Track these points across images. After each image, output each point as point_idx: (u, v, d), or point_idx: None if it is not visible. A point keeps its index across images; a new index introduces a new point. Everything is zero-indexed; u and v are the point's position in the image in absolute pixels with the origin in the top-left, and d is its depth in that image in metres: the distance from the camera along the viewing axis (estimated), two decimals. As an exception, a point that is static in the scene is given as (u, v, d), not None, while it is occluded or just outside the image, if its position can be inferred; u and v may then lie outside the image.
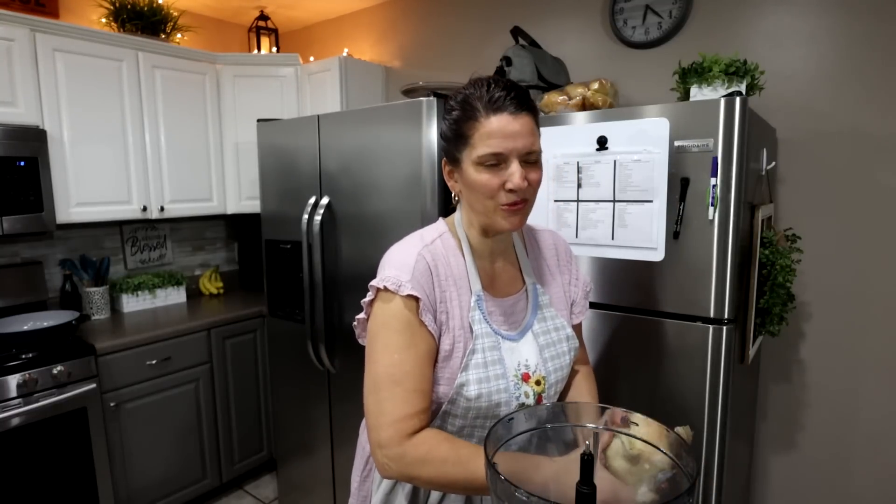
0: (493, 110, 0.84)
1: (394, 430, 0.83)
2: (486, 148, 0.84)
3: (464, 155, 0.87)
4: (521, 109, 0.85)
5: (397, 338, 0.86)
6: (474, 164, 0.86)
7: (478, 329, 0.89)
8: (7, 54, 2.07)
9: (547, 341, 0.96)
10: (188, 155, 2.69)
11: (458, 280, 0.92)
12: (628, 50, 2.12)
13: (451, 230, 0.98)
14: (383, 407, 0.84)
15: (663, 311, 1.42)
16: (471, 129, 0.85)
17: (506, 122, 0.83)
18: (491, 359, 0.89)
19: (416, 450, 0.82)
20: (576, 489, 0.58)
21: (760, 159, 1.52)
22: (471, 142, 0.85)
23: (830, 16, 1.73)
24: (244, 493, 2.73)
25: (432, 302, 0.88)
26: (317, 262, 2.06)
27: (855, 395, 1.80)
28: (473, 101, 0.86)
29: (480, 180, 0.85)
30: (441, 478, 0.81)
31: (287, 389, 2.36)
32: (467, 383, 0.87)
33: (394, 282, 0.87)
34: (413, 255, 0.90)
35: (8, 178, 2.06)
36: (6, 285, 2.34)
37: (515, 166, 0.84)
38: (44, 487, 1.99)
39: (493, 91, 0.85)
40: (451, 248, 0.95)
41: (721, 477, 1.39)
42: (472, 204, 0.90)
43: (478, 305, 0.91)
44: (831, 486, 1.87)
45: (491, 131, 0.83)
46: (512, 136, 0.83)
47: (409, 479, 0.84)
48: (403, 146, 1.79)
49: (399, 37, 2.88)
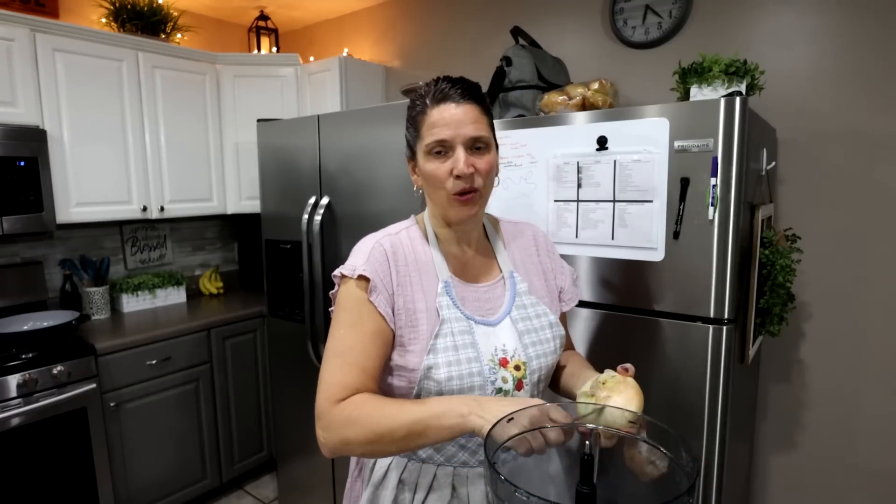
0: (438, 101, 0.89)
1: (325, 399, 0.85)
2: (431, 136, 0.89)
3: (417, 147, 0.93)
4: (464, 98, 0.89)
5: (345, 315, 0.90)
6: (424, 154, 0.91)
7: (446, 314, 0.91)
8: (7, 54, 2.07)
9: (527, 327, 0.96)
10: (188, 155, 2.69)
11: (423, 266, 0.95)
12: (628, 50, 2.12)
13: (420, 223, 1.02)
14: (323, 378, 0.87)
15: (663, 311, 1.42)
16: (420, 122, 0.91)
17: (450, 112, 0.88)
18: (461, 342, 0.90)
19: (341, 412, 0.83)
20: (576, 489, 0.58)
21: (760, 159, 1.52)
22: (420, 133, 0.91)
23: (830, 15, 1.73)
24: (244, 493, 2.73)
25: (387, 286, 0.91)
26: (317, 262, 2.06)
27: (855, 395, 1.80)
28: (423, 96, 0.91)
29: (430, 168, 0.90)
30: (370, 435, 0.80)
31: (287, 389, 2.36)
32: (436, 366, 0.88)
33: (350, 268, 0.92)
34: (370, 244, 0.95)
35: (8, 178, 2.06)
36: (6, 285, 2.34)
37: (460, 152, 0.88)
38: (44, 487, 1.99)
39: (441, 84, 0.90)
40: (416, 238, 0.99)
41: (721, 477, 1.39)
42: (430, 195, 0.95)
43: (446, 291, 0.94)
44: (831, 485, 1.87)
45: (435, 120, 0.88)
46: (455, 124, 0.88)
47: (343, 445, 0.83)
48: (403, 146, 1.78)
49: (399, 37, 2.88)
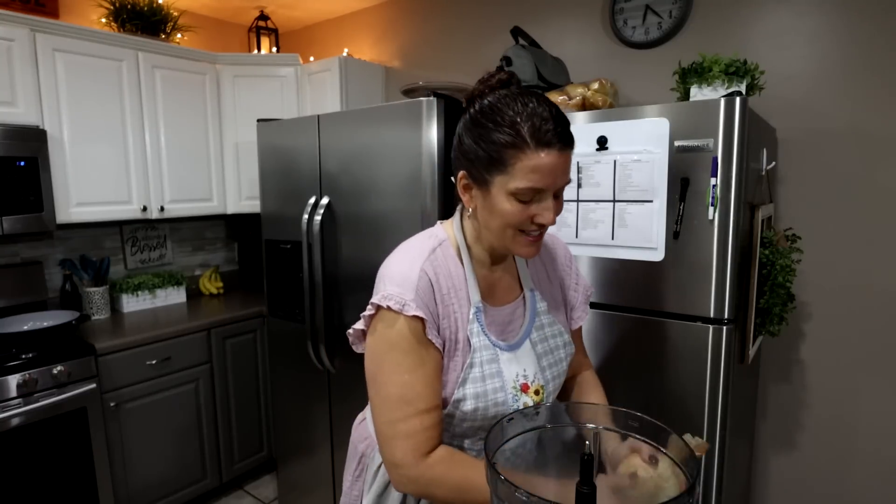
0: (542, 144, 0.77)
1: (409, 450, 0.83)
2: (525, 182, 0.78)
3: (496, 180, 0.80)
4: (567, 146, 0.80)
5: (406, 359, 0.84)
6: (507, 194, 0.80)
7: (476, 342, 0.88)
8: (7, 54, 2.07)
9: (545, 349, 0.95)
10: (188, 155, 2.69)
11: (458, 291, 0.89)
12: (628, 50, 2.12)
13: (451, 237, 0.94)
14: (397, 428, 0.83)
15: (663, 310, 1.42)
16: (513, 157, 0.78)
17: (553, 160, 0.77)
18: (489, 372, 0.88)
19: (431, 471, 0.83)
20: (576, 489, 0.58)
21: (760, 159, 1.52)
22: (509, 170, 0.78)
23: (830, 15, 1.73)
24: (244, 493, 2.73)
25: (435, 317, 0.86)
26: (317, 262, 2.05)
27: (855, 395, 1.80)
28: (520, 126, 0.77)
29: (511, 211, 0.80)
30: (456, 498, 0.82)
31: (287, 389, 2.36)
32: (464, 399, 0.86)
33: (397, 301, 0.83)
34: (416, 271, 0.86)
35: (8, 178, 2.06)
36: (6, 285, 2.34)
37: (550, 202, 0.80)
38: (44, 487, 1.98)
39: (542, 124, 0.77)
40: (450, 258, 0.91)
41: (721, 477, 1.39)
42: (488, 225, 0.85)
43: (476, 318, 0.89)
44: (831, 486, 1.87)
45: (535, 166, 0.77)
46: (555, 174, 0.78)
47: (424, 496, 0.86)
48: (403, 146, 1.79)
49: (399, 37, 2.88)
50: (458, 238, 0.93)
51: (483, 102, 0.83)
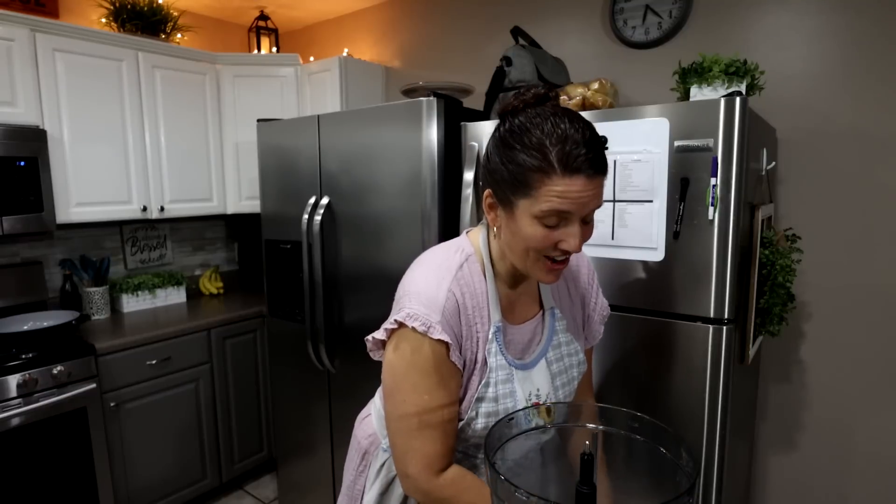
0: (570, 170, 0.73)
1: (423, 467, 0.84)
2: (549, 205, 0.75)
3: (521, 202, 0.77)
4: (598, 173, 0.75)
5: (425, 380, 0.83)
6: (531, 217, 0.77)
7: (493, 362, 0.87)
8: (7, 54, 2.07)
9: (559, 368, 0.95)
10: (188, 155, 2.69)
11: (480, 309, 0.88)
12: (628, 50, 2.12)
13: (477, 250, 0.91)
14: (413, 444, 0.84)
15: (663, 310, 1.42)
16: (538, 181, 0.75)
17: (580, 186, 0.74)
18: (503, 392, 0.88)
19: (442, 491, 0.84)
20: (576, 489, 0.58)
21: (760, 159, 1.52)
22: (534, 194, 0.75)
23: (830, 15, 1.73)
24: (244, 493, 2.73)
25: (459, 339, 0.85)
26: (317, 262, 2.05)
27: (855, 396, 1.80)
28: (548, 150, 0.74)
29: (534, 234, 0.78)
30: None
31: (287, 389, 2.36)
32: (476, 417, 0.87)
33: (423, 322, 0.81)
34: (444, 291, 0.84)
35: (8, 178, 2.06)
36: (6, 285, 2.34)
37: (577, 228, 0.77)
38: (44, 487, 1.98)
39: (573, 149, 0.73)
40: (476, 273, 0.89)
41: (721, 477, 1.39)
42: (511, 246, 0.83)
43: (496, 337, 0.88)
44: (831, 486, 1.87)
45: (562, 192, 0.74)
46: (582, 200, 0.75)
47: None
48: (403, 146, 1.79)
49: (399, 37, 2.88)
50: (484, 253, 0.91)
51: (514, 121, 0.79)
